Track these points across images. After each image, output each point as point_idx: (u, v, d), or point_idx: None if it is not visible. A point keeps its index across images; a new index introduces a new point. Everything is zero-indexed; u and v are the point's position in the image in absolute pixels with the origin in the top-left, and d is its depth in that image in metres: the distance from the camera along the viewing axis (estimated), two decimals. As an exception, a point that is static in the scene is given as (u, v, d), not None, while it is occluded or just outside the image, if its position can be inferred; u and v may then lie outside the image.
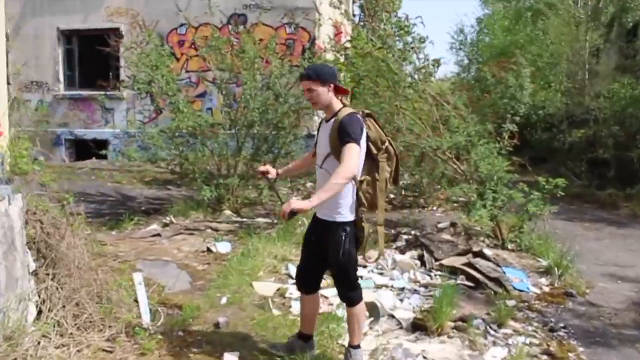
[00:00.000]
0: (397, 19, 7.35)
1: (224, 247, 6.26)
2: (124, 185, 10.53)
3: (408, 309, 4.67)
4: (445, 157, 7.15)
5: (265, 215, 7.85)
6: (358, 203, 3.33)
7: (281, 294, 4.91)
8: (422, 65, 7.15)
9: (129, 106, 13.26)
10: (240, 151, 8.12)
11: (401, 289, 5.19)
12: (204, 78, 9.45)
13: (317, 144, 3.51)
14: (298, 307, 4.21)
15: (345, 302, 3.58)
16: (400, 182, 9.91)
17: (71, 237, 3.82)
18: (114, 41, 11.06)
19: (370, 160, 3.38)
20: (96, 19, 13.51)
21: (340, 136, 3.19)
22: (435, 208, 9.07)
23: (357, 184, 3.29)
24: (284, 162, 7.54)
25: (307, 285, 3.71)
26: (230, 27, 11.70)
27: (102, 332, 3.74)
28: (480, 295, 5.05)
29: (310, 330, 3.78)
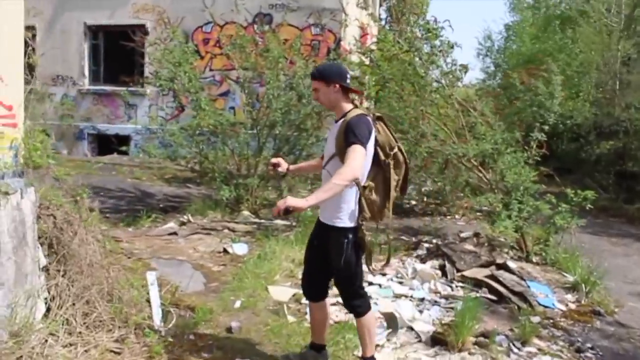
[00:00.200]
0: (426, 21, 7.18)
1: (240, 248, 6.15)
2: (143, 181, 10.50)
3: (428, 321, 4.50)
4: (470, 164, 6.96)
5: (283, 218, 7.72)
6: (360, 210, 3.18)
7: (297, 299, 4.76)
8: (449, 70, 6.95)
9: (152, 103, 13.26)
10: (261, 151, 8.02)
11: (421, 300, 5.01)
12: (228, 77, 9.38)
13: (326, 146, 3.39)
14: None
15: (351, 312, 3.44)
16: (423, 188, 9.85)
17: (84, 234, 3.73)
18: (139, 37, 11.02)
19: (377, 166, 3.22)
20: (123, 15, 13.55)
21: (346, 137, 3.04)
22: (457, 216, 8.87)
23: (360, 190, 3.13)
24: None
25: (312, 292, 3.55)
26: (256, 26, 11.62)
27: (111, 333, 3.63)
28: (504, 309, 4.85)
29: (322, 339, 3.62)
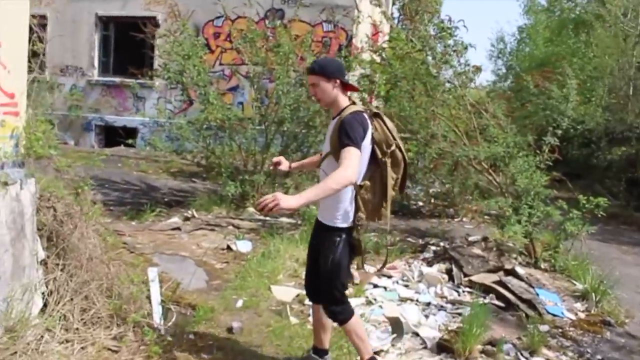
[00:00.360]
0: (440, 20, 7.06)
1: (244, 246, 6.06)
2: (149, 174, 10.43)
3: (433, 326, 4.39)
4: (480, 167, 6.83)
5: (289, 215, 7.62)
6: (356, 209, 3.08)
7: (300, 300, 4.66)
8: (462, 71, 6.83)
9: (161, 95, 13.19)
10: (269, 148, 7.93)
11: (427, 304, 4.91)
12: (237, 71, 9.29)
13: (325, 142, 3.29)
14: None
15: (333, 320, 3.30)
16: (430, 190, 9.72)
17: (84, 227, 3.65)
18: (149, 29, 10.94)
19: (375, 165, 3.11)
20: (134, 6, 13.48)
21: (340, 137, 2.93)
22: (465, 219, 8.74)
23: (357, 189, 3.04)
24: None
25: (313, 293, 3.44)
26: (267, 21, 11.52)
27: (109, 330, 3.55)
28: (511, 317, 4.73)
29: (323, 344, 3.51)
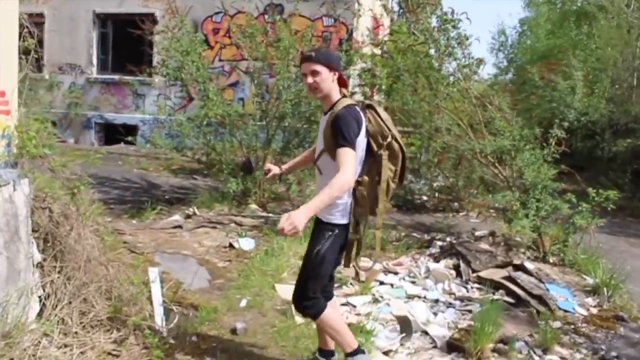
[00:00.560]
0: (443, 12, 6.92)
1: (247, 243, 5.95)
2: (149, 172, 10.32)
3: (442, 324, 4.28)
4: (486, 161, 6.71)
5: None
6: (355, 204, 2.98)
7: (305, 299, 4.54)
8: (466, 63, 6.70)
9: (160, 92, 13.06)
10: (270, 144, 7.81)
11: (435, 301, 4.80)
12: (237, 67, 9.17)
13: (317, 137, 3.16)
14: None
15: (304, 316, 3.23)
16: (434, 184, 9.60)
17: (81, 228, 3.53)
18: (147, 26, 10.81)
19: (372, 158, 2.99)
20: (132, 3, 13.35)
21: (334, 135, 2.82)
22: (470, 213, 8.61)
23: (354, 185, 2.93)
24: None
25: None
26: (267, 16, 11.38)
27: (109, 333, 3.44)
28: (522, 313, 4.60)
29: (329, 344, 3.35)
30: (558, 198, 6.25)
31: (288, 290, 4.66)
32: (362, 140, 2.93)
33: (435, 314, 4.52)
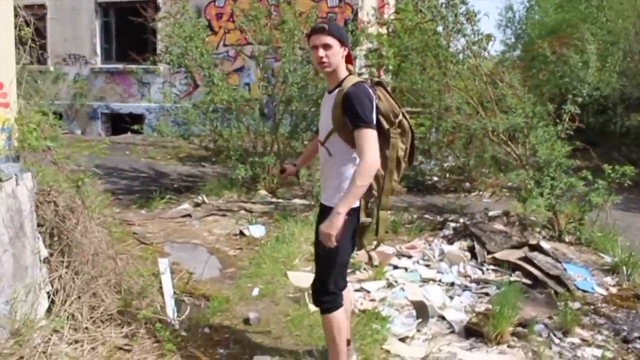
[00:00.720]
0: (450, -12, 6.74)
1: (257, 230, 5.87)
2: (157, 161, 10.25)
3: (459, 308, 4.19)
4: (498, 139, 6.57)
5: (302, 197, 7.42)
6: (368, 188, 2.78)
7: (318, 286, 4.46)
8: (477, 39, 6.53)
9: (165, 80, 12.94)
10: (278, 128, 7.70)
11: (450, 285, 4.70)
12: (242, 52, 9.03)
13: (320, 119, 2.99)
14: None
15: (317, 306, 3.03)
16: (445, 164, 9.47)
17: (88, 221, 3.45)
18: (149, 13, 10.67)
19: (382, 137, 2.82)
20: (134, -10, 13.19)
21: (349, 115, 2.68)
22: (482, 193, 8.49)
23: None
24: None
25: None
26: (270, -1, 11.21)
27: (120, 327, 3.38)
28: (540, 295, 4.49)
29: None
30: (573, 175, 6.12)
31: (300, 278, 4.62)
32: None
33: (451, 297, 4.43)
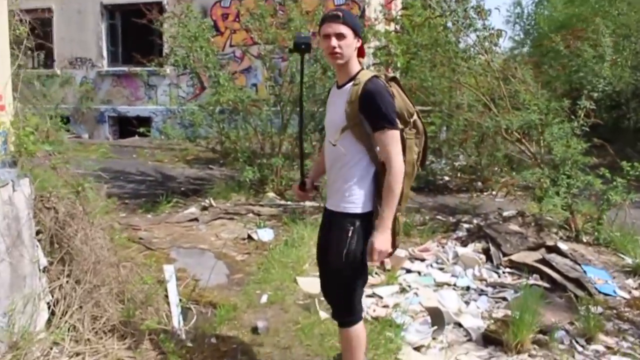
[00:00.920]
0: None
1: (266, 234, 5.72)
2: (164, 164, 10.16)
3: (476, 314, 4.02)
4: (513, 137, 6.38)
5: (311, 199, 7.27)
6: (378, 191, 2.61)
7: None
8: (489, 34, 6.36)
9: (172, 82, 12.85)
10: (286, 129, 7.56)
11: (466, 289, 4.54)
12: (248, 51, 8.90)
13: (327, 117, 2.79)
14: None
15: (336, 320, 2.84)
16: (456, 163, 9.28)
17: (89, 228, 3.32)
18: (153, 15, 10.57)
19: None
20: (139, -8, 13.10)
21: (370, 113, 2.51)
22: (495, 192, 8.30)
23: (380, 168, 2.60)
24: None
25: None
26: (276, -2, 11.07)
27: (123, 339, 3.25)
28: (559, 299, 4.32)
29: None
30: (589, 173, 5.94)
31: (310, 283, 4.47)
32: None
33: (467, 302, 4.27)
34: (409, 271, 4.87)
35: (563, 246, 5.24)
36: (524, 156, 6.75)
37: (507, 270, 4.91)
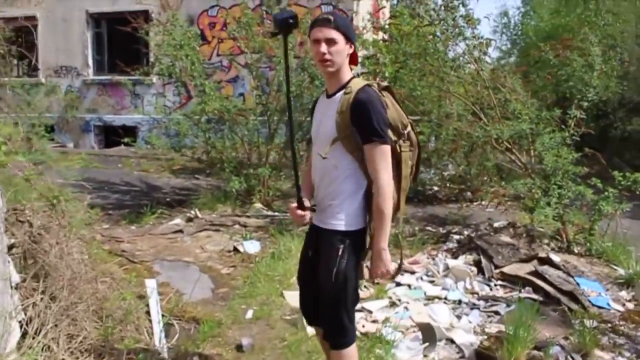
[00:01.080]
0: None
1: (252, 246, 5.59)
2: (150, 174, 9.98)
3: (468, 329, 3.90)
4: (503, 147, 6.31)
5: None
6: (370, 206, 2.46)
7: (316, 306, 4.18)
8: (478, 43, 6.30)
9: (158, 91, 12.70)
10: (273, 139, 7.44)
11: (457, 302, 4.42)
12: (235, 60, 8.79)
13: (315, 127, 2.62)
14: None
15: (329, 342, 2.63)
16: (445, 173, 9.19)
17: (65, 243, 3.17)
18: (138, 23, 10.45)
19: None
20: (125, 1, 13.02)
21: (360, 125, 2.36)
22: (485, 203, 8.21)
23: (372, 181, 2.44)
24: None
25: (313, 316, 2.74)
26: (263, 7, 10.97)
27: (101, 358, 3.09)
28: (553, 312, 4.21)
29: None
30: (581, 183, 5.87)
31: (297, 298, 4.31)
32: None
33: (458, 317, 4.15)
34: (398, 284, 4.75)
35: (555, 258, 5.14)
36: (514, 166, 6.67)
37: (499, 282, 4.80)
